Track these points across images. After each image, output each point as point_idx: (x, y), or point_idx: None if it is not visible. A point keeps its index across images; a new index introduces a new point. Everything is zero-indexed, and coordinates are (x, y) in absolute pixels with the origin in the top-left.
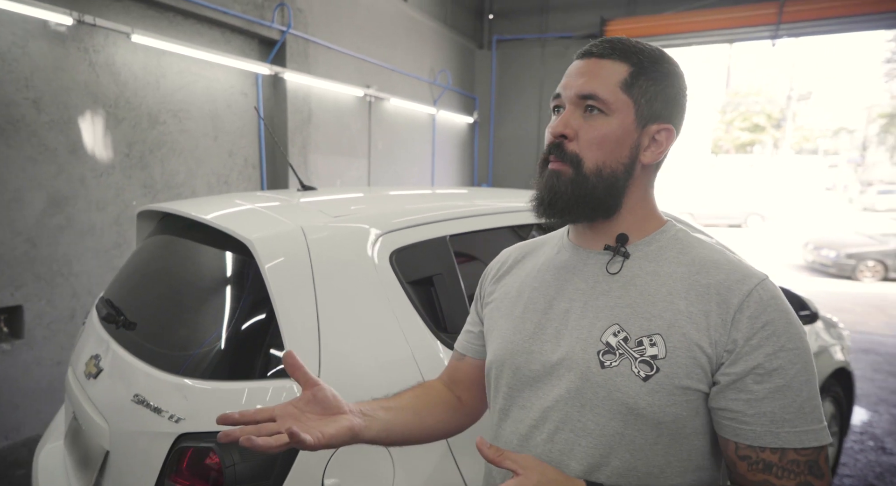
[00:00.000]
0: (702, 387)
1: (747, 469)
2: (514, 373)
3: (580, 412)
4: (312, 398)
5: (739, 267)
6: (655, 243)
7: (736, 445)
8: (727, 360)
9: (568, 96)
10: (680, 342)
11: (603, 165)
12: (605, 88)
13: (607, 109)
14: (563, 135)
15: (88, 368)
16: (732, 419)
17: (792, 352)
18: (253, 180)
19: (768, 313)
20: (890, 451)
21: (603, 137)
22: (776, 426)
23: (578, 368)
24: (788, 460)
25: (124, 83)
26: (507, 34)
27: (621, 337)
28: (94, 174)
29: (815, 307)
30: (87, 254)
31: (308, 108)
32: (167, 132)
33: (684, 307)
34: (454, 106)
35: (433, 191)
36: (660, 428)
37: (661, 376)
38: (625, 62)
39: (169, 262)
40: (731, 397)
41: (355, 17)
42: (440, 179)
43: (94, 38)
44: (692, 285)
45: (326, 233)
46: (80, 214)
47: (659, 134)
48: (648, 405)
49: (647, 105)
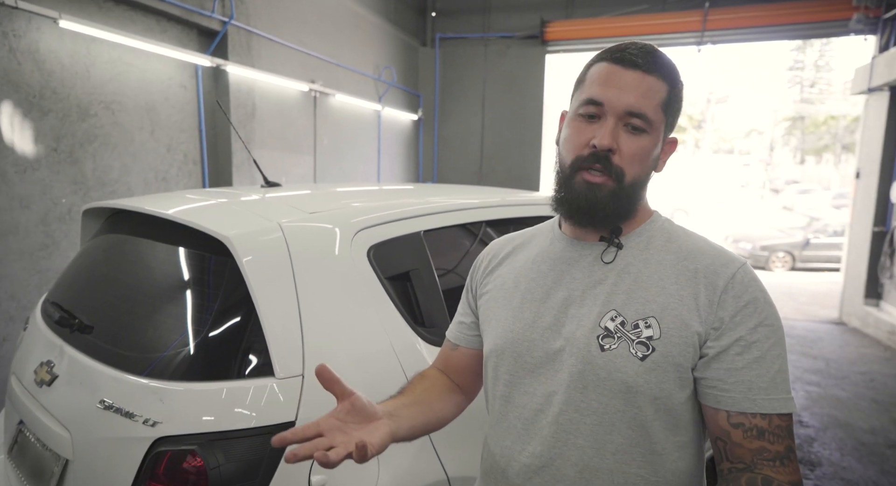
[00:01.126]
0: (692, 363)
1: (743, 437)
2: (516, 360)
3: (583, 394)
4: (351, 408)
5: (722, 253)
6: (645, 233)
7: (727, 414)
8: (713, 336)
9: (615, 109)
10: (673, 323)
11: (638, 178)
12: (651, 107)
13: (649, 128)
14: (611, 148)
15: (40, 375)
16: (713, 387)
17: (769, 328)
18: (194, 177)
19: (750, 293)
20: (806, 424)
21: (645, 153)
22: (752, 393)
23: (580, 352)
24: (776, 425)
25: (50, 72)
26: (449, 32)
27: (619, 321)
28: (16, 169)
29: None
30: (9, 256)
31: (252, 102)
32: (99, 125)
33: (675, 291)
34: (399, 103)
35: (401, 187)
36: (656, 404)
37: (656, 356)
38: (665, 81)
39: (123, 262)
40: (714, 367)
41: (299, 10)
42: (386, 176)
43: (15, 21)
44: (681, 270)
45: (305, 229)
46: (2, 213)
47: (669, 145)
48: (646, 383)
49: (671, 123)
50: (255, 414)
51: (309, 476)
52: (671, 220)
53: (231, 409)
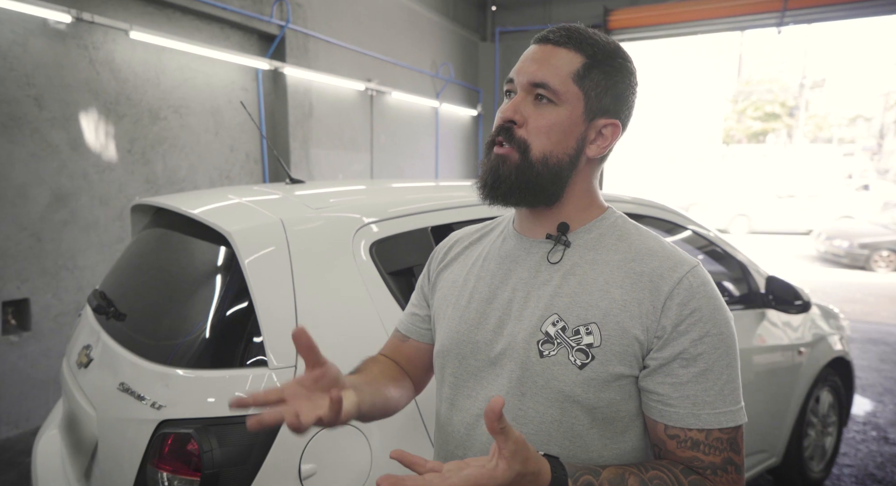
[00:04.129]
0: (634, 372)
1: (676, 447)
2: (460, 363)
3: (521, 401)
4: (321, 377)
5: (672, 255)
6: (595, 230)
7: (665, 426)
8: (656, 345)
9: (520, 82)
10: (614, 330)
11: (549, 153)
12: (557, 77)
13: (557, 99)
14: (513, 120)
15: (80, 358)
16: (658, 401)
17: (716, 337)
18: (255, 175)
19: (696, 300)
20: (893, 441)
21: (551, 126)
22: (697, 408)
23: (519, 357)
24: (714, 438)
25: (124, 80)
26: (510, 26)
27: (560, 327)
28: (96, 170)
29: (808, 296)
30: (91, 248)
31: (309, 102)
32: (168, 128)
33: (619, 296)
34: (457, 99)
35: (421, 183)
36: (594, 413)
37: (595, 364)
38: (579, 53)
39: (159, 255)
40: (658, 381)
41: (355, 11)
42: (444, 172)
43: (94, 35)
44: (627, 273)
45: (306, 225)
46: (84, 210)
47: (605, 128)
48: (584, 392)
49: (596, 99)
50: None
51: (299, 465)
52: (625, 217)
53: (229, 396)
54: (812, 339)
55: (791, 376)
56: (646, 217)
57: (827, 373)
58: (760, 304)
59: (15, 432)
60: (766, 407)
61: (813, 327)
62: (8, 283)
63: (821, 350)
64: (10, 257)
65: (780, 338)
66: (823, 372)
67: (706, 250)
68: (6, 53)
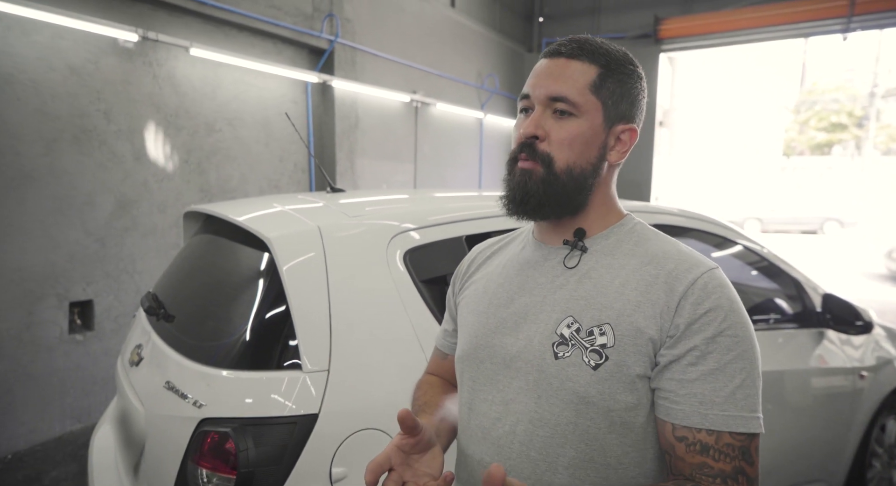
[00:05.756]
0: (648, 373)
1: (685, 451)
2: (478, 367)
3: (537, 404)
4: (416, 444)
5: (689, 257)
6: (613, 236)
7: (672, 426)
8: (668, 344)
9: (538, 97)
10: (628, 330)
11: (574, 164)
12: (575, 89)
13: (577, 111)
14: (535, 135)
15: (132, 356)
16: (665, 398)
17: (730, 338)
18: (302, 184)
19: (712, 300)
20: None
21: (573, 138)
22: (704, 407)
23: (535, 360)
24: (724, 443)
25: (184, 94)
26: (557, 37)
27: (574, 328)
28: (156, 179)
29: (871, 317)
30: (149, 253)
31: (355, 114)
32: (222, 139)
33: (634, 297)
34: (503, 110)
35: (458, 193)
36: (611, 416)
37: (609, 364)
38: (593, 64)
39: (207, 259)
40: (666, 377)
41: (402, 25)
42: (488, 182)
43: (157, 52)
44: (643, 276)
45: (343, 232)
46: (144, 217)
47: (623, 134)
48: (598, 394)
49: (613, 107)
50: (285, 403)
51: (330, 468)
52: (644, 223)
53: (266, 397)
54: (876, 362)
55: (852, 401)
56: (693, 230)
57: (894, 400)
58: (816, 323)
59: (78, 425)
60: (824, 433)
61: (877, 349)
62: (75, 285)
63: (886, 375)
64: (78, 261)
65: (840, 360)
66: (890, 399)
67: (758, 266)
68: (80, 71)
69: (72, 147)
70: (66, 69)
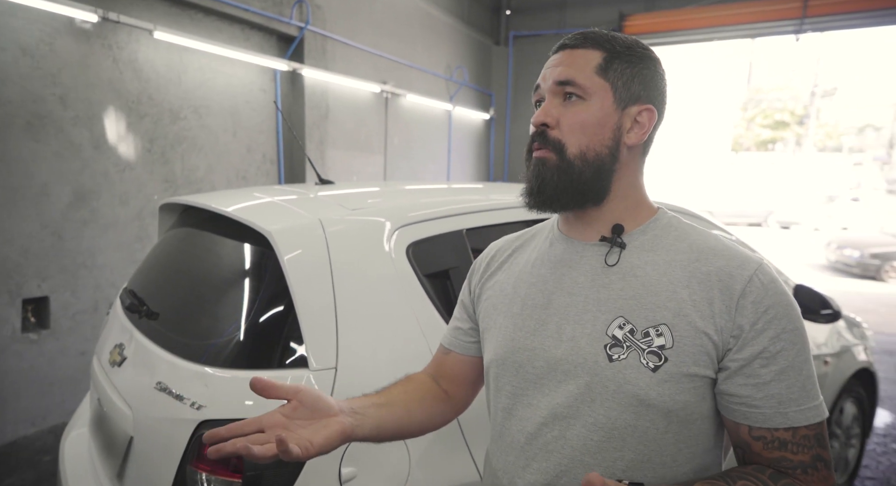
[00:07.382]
0: (709, 373)
1: (763, 448)
2: (517, 371)
3: (590, 408)
4: (298, 405)
5: (737, 253)
6: (650, 231)
7: (749, 428)
8: (734, 345)
9: (546, 87)
10: (686, 331)
11: (587, 148)
12: (580, 73)
13: (585, 94)
14: (545, 124)
15: (112, 356)
16: (742, 403)
17: (793, 333)
18: (271, 176)
19: (770, 298)
20: None
21: (583, 121)
22: (784, 406)
23: (586, 363)
24: (801, 435)
25: (147, 79)
26: (524, 30)
27: (627, 330)
28: (117, 169)
29: (838, 306)
30: (109, 247)
31: (325, 104)
32: (188, 128)
33: (687, 296)
34: (470, 102)
35: (449, 185)
36: (670, 417)
37: (669, 366)
38: (598, 49)
39: (189, 254)
40: (740, 383)
41: (373, 13)
42: (456, 175)
43: (118, 35)
44: (693, 273)
45: (344, 225)
46: (104, 208)
47: (641, 115)
48: (659, 395)
49: (624, 87)
50: None
51: (339, 468)
52: (679, 217)
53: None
54: (838, 350)
55: None
56: None
57: (852, 384)
58: None
59: (32, 430)
60: None
61: (839, 337)
62: (28, 280)
63: (846, 361)
64: (32, 256)
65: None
66: (848, 383)
67: None
68: (33, 52)
69: (25, 134)
70: (17, 50)
